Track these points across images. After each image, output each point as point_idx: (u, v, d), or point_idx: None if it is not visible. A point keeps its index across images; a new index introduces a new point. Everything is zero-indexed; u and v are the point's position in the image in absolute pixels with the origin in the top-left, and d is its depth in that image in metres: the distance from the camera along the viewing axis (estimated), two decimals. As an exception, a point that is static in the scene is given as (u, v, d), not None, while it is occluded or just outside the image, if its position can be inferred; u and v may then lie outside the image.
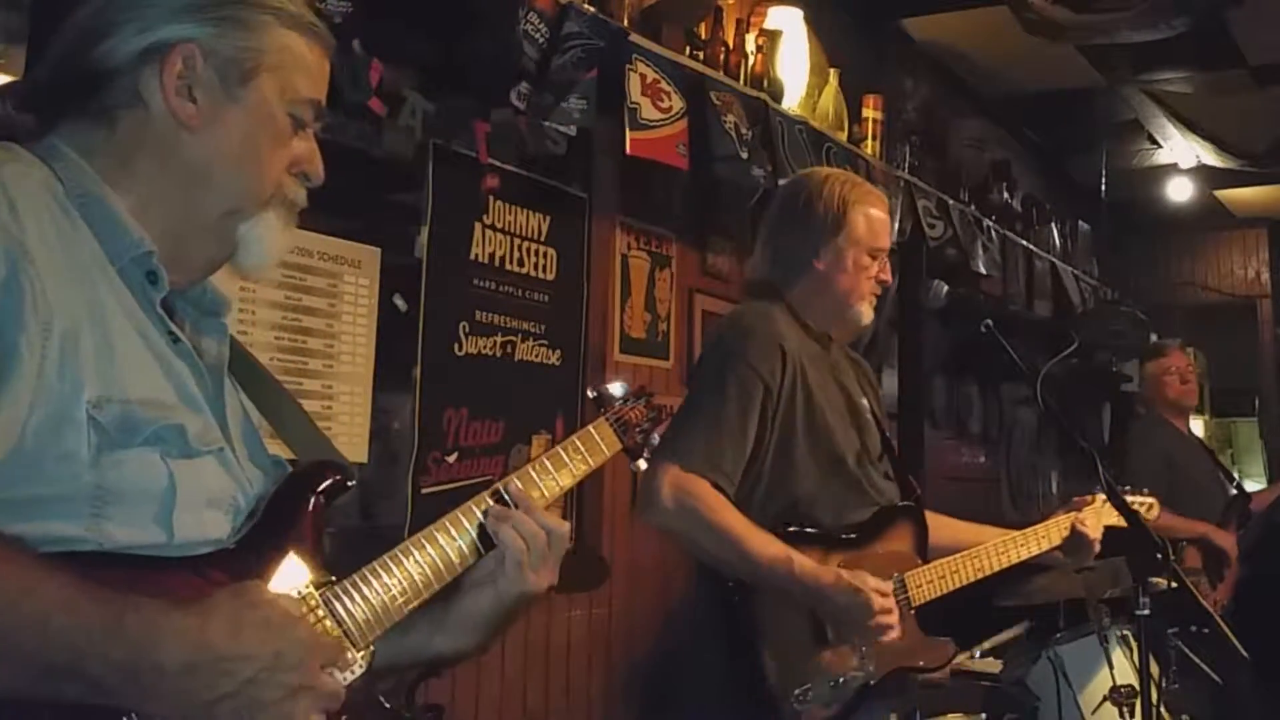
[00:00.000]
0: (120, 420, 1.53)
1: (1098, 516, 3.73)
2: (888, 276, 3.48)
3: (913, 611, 3.28)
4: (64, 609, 1.38)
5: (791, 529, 3.15)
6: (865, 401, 3.49)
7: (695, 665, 3.32)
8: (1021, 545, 3.61)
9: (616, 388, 2.24)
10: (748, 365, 3.21)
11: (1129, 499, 3.85)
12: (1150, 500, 4.09)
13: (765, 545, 3.07)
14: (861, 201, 3.43)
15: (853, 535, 3.27)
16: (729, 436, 3.15)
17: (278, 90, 1.74)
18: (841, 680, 3.08)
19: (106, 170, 1.66)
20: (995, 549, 3.54)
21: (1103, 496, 3.70)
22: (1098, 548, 3.74)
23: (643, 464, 2.25)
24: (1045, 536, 3.67)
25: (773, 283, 3.46)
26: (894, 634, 3.11)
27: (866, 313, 3.43)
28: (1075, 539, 3.71)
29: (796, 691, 3.02)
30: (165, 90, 1.66)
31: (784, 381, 3.24)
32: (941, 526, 3.62)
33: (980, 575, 3.48)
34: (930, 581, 3.34)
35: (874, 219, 3.43)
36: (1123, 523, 3.57)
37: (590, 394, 2.25)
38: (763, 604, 3.10)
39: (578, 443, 2.10)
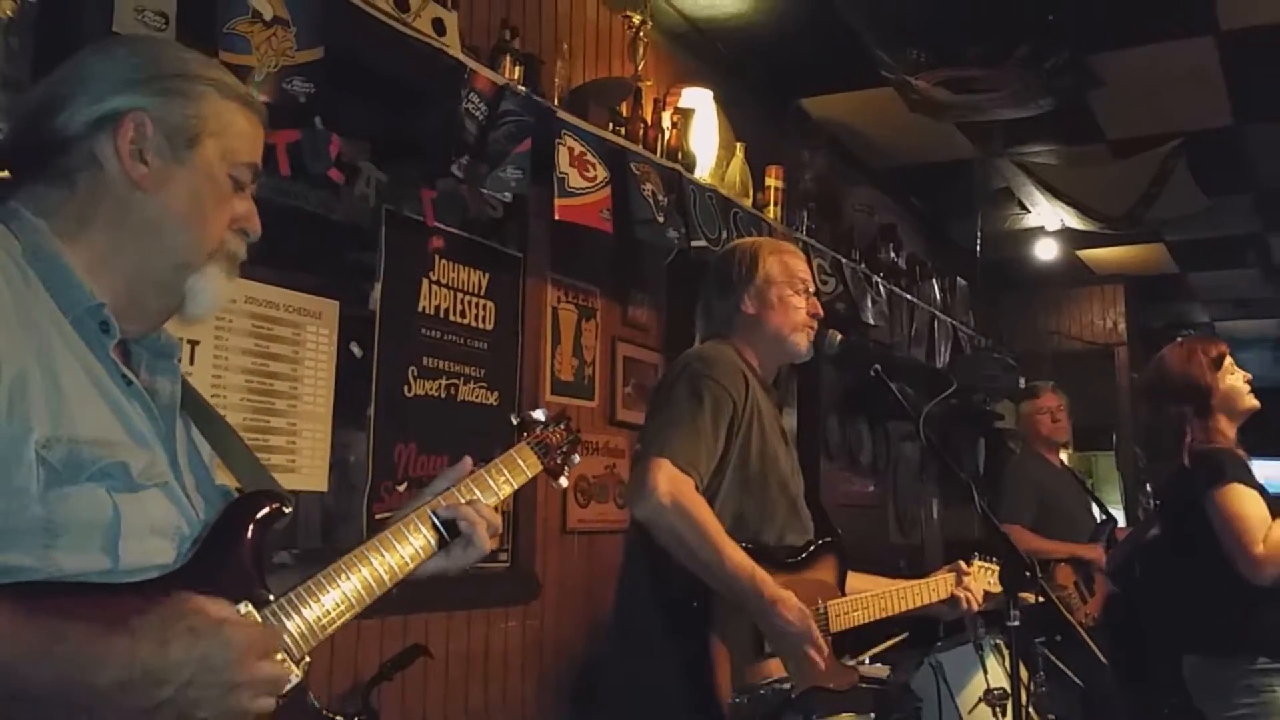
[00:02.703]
0: (67, 459, 1.52)
1: (976, 581, 3.72)
2: (819, 310, 3.45)
3: (829, 637, 3.23)
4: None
5: (746, 545, 3.06)
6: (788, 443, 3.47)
7: (633, 670, 3.21)
8: (917, 595, 3.57)
9: (538, 413, 2.22)
10: (718, 383, 3.17)
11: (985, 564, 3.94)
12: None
13: (735, 553, 2.98)
14: (774, 250, 3.45)
15: (790, 559, 3.24)
16: (704, 442, 3.08)
17: (219, 154, 1.76)
18: (772, 690, 3.05)
19: (64, 230, 1.66)
20: (898, 594, 3.51)
21: (978, 564, 3.73)
22: (976, 609, 3.71)
23: (564, 481, 2.23)
24: (935, 590, 3.63)
25: (718, 333, 3.44)
26: (821, 665, 3.04)
27: (803, 343, 3.39)
28: (955, 600, 3.66)
29: (736, 698, 2.99)
30: (120, 154, 1.68)
31: (746, 405, 3.20)
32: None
33: (884, 615, 3.45)
34: (847, 613, 3.31)
35: (787, 260, 3.42)
36: (996, 589, 3.59)
37: (514, 420, 2.22)
38: (720, 612, 3.02)
39: (501, 465, 2.10)
